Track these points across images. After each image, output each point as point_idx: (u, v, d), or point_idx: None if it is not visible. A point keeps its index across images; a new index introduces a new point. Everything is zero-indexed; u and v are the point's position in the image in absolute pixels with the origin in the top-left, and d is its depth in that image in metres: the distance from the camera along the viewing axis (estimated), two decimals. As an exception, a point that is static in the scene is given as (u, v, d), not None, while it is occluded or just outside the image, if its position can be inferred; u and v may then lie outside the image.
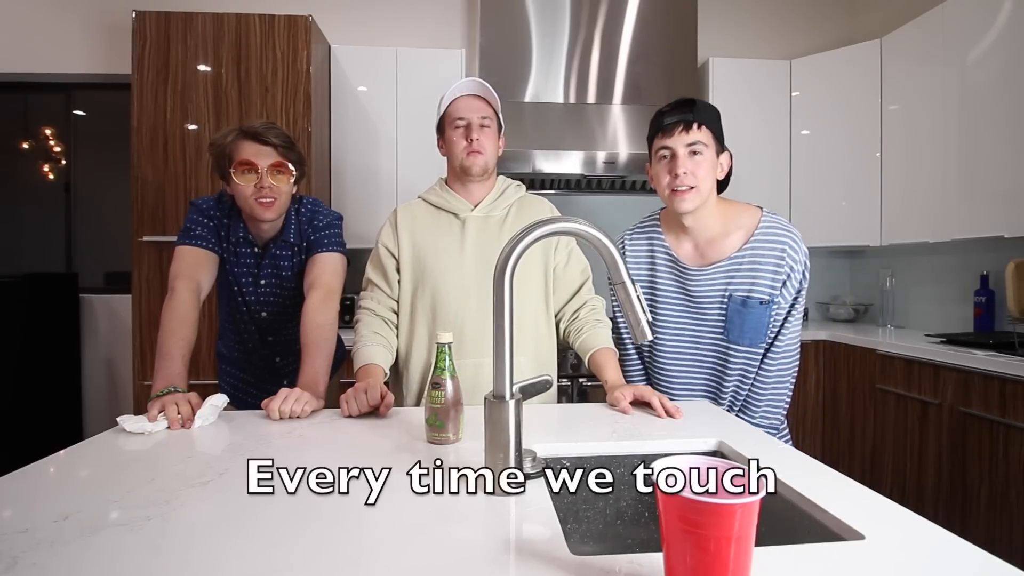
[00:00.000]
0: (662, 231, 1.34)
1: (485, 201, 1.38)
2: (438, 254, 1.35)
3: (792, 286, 1.23)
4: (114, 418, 1.04)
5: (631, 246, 1.37)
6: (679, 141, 1.20)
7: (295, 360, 1.40)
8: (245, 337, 1.56)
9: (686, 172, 1.19)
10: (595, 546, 0.92)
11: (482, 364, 1.29)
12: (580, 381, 2.48)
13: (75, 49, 2.94)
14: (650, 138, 1.27)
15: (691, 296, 1.28)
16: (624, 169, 2.70)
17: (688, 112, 1.20)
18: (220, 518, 0.67)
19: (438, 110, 1.39)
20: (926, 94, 2.53)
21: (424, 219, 1.40)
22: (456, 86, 1.35)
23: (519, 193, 1.43)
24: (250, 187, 1.35)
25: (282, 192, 1.39)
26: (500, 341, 0.77)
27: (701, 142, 1.20)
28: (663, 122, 1.22)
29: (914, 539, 0.63)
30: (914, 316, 2.92)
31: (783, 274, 1.23)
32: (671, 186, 1.21)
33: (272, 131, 1.37)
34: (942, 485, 2.10)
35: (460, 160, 1.35)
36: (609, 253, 0.80)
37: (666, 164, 1.22)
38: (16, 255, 3.12)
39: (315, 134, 2.55)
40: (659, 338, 1.32)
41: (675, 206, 1.23)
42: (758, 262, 1.23)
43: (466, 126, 1.34)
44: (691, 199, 1.21)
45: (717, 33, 3.25)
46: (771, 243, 1.24)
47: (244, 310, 1.51)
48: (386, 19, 3.10)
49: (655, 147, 1.24)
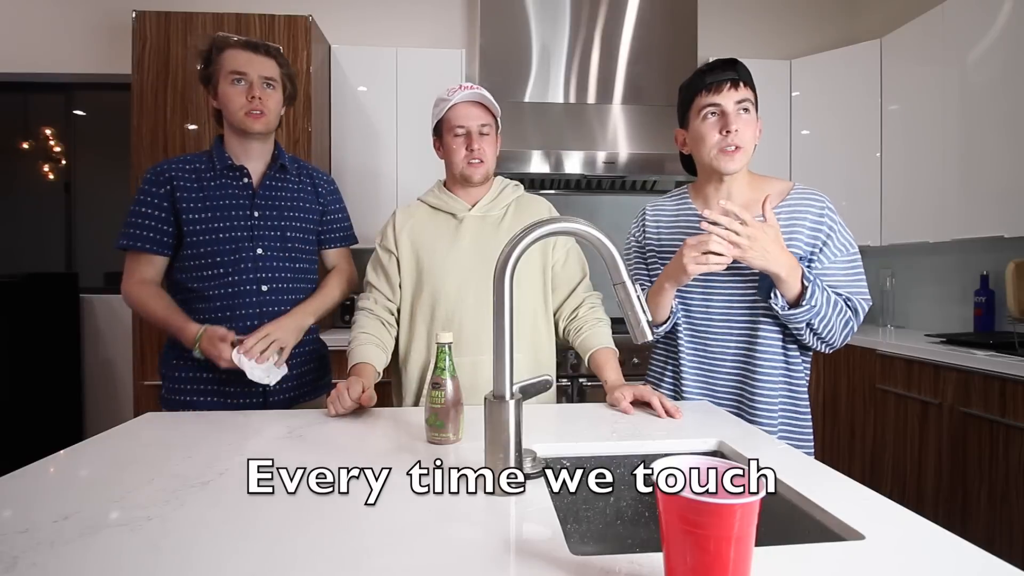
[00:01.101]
0: (691, 199, 1.31)
1: (483, 201, 1.39)
2: (435, 253, 1.36)
3: (834, 248, 1.18)
4: (114, 418, 1.04)
5: (653, 213, 1.34)
6: (729, 98, 1.16)
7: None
8: (234, 292, 1.36)
9: (737, 129, 1.15)
10: (595, 546, 0.92)
11: (480, 362, 1.29)
12: (580, 381, 2.48)
13: (75, 49, 2.94)
14: (688, 99, 1.22)
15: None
16: (624, 169, 2.70)
17: (734, 71, 1.18)
18: (220, 518, 0.67)
19: (434, 111, 1.37)
20: (926, 94, 2.53)
21: (423, 220, 1.40)
22: (455, 94, 1.31)
23: (517, 193, 1.44)
24: (241, 98, 1.32)
25: (272, 108, 1.36)
26: (500, 341, 0.77)
27: (749, 100, 1.18)
28: (707, 80, 1.18)
29: (914, 539, 0.63)
30: (914, 316, 2.92)
31: (823, 232, 1.18)
32: (720, 145, 1.17)
33: (265, 43, 1.37)
34: (942, 485, 2.10)
35: (460, 169, 1.35)
36: (609, 253, 0.80)
37: (714, 122, 1.18)
38: (16, 255, 3.12)
39: (315, 134, 2.55)
40: (689, 307, 1.26)
41: (722, 165, 1.18)
42: (796, 217, 1.19)
43: (466, 134, 1.33)
44: (739, 159, 1.17)
45: (717, 33, 3.25)
46: (811, 201, 1.20)
47: (231, 247, 1.36)
48: (386, 19, 3.10)
49: (699, 106, 1.19)
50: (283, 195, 1.43)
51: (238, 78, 1.33)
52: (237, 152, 1.40)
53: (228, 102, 1.35)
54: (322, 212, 1.51)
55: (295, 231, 1.43)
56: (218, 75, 1.35)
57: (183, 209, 1.35)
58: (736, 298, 1.22)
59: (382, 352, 1.31)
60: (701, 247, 1.08)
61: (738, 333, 1.23)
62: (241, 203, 1.38)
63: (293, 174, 1.47)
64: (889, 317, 2.96)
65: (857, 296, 1.17)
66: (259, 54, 1.35)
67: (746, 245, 1.07)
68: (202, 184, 1.38)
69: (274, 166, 1.43)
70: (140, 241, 1.36)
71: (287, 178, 1.45)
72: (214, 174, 1.39)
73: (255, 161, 1.42)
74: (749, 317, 1.22)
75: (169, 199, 1.36)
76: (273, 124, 1.40)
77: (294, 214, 1.44)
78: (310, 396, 1.48)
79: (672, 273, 1.16)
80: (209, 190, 1.37)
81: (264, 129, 1.37)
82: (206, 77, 1.38)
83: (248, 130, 1.35)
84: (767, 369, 1.20)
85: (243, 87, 1.34)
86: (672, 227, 1.31)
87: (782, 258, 1.09)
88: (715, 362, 1.26)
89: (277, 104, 1.39)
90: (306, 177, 1.50)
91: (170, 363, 1.41)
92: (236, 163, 1.39)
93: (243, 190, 1.39)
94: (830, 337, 1.16)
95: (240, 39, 1.36)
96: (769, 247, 1.07)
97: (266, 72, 1.36)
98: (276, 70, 1.38)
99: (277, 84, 1.39)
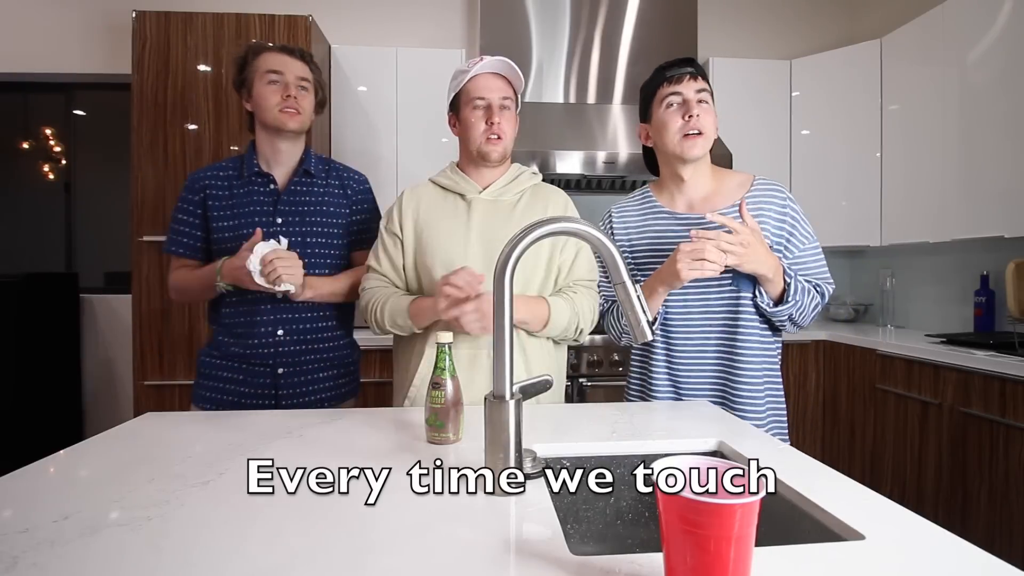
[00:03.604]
0: (654, 196, 1.34)
1: (495, 184, 1.32)
2: (440, 235, 1.29)
3: (800, 237, 1.25)
4: (114, 418, 1.04)
5: (619, 215, 1.36)
6: (689, 88, 1.22)
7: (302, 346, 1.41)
8: (252, 299, 1.38)
9: (698, 115, 1.21)
10: (595, 546, 0.92)
11: (478, 355, 1.25)
12: (580, 381, 2.48)
13: (75, 49, 2.93)
14: (651, 93, 1.28)
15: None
16: (624, 169, 2.70)
17: (692, 65, 1.25)
18: (220, 518, 0.67)
19: (452, 84, 1.31)
20: (926, 94, 2.53)
21: (430, 200, 1.34)
22: (481, 63, 1.25)
23: (535, 180, 1.38)
24: (276, 96, 1.36)
25: (306, 108, 1.40)
26: (500, 340, 0.77)
27: (707, 91, 1.24)
28: (668, 73, 1.24)
29: (914, 539, 0.63)
30: (914, 316, 2.92)
31: (787, 223, 1.24)
32: (683, 130, 1.22)
33: (300, 48, 1.42)
34: (942, 485, 2.10)
35: (478, 145, 1.28)
36: (609, 253, 0.80)
37: (676, 110, 1.23)
38: (16, 255, 3.12)
39: (315, 134, 2.55)
40: (667, 301, 1.27)
41: (684, 152, 1.22)
42: (761, 209, 1.24)
43: (486, 107, 1.26)
44: (701, 145, 1.22)
45: (717, 33, 3.24)
46: (773, 192, 1.27)
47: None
48: (386, 19, 3.10)
49: (661, 96, 1.25)
50: (307, 199, 1.44)
51: (274, 78, 1.37)
52: (268, 155, 1.43)
53: (263, 100, 1.37)
54: (350, 214, 1.50)
55: (317, 236, 1.43)
56: (253, 76, 1.38)
57: (213, 217, 1.41)
58: (713, 290, 1.25)
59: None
60: (696, 254, 1.10)
61: (719, 324, 1.25)
62: (265, 208, 1.41)
63: (321, 178, 1.47)
64: (889, 317, 2.96)
65: (823, 281, 1.27)
66: (294, 57, 1.40)
67: (740, 252, 1.11)
68: (232, 191, 1.42)
69: (299, 171, 1.45)
70: (176, 246, 1.44)
71: (313, 182, 1.46)
72: (242, 180, 1.42)
73: (284, 165, 1.44)
74: (728, 307, 1.24)
75: (202, 206, 1.42)
76: (307, 124, 1.42)
77: (317, 219, 1.44)
78: (330, 403, 1.47)
79: (665, 278, 1.17)
80: (237, 196, 1.41)
81: (298, 127, 1.39)
82: (240, 81, 1.41)
83: (283, 127, 1.37)
84: (750, 356, 1.23)
85: (279, 87, 1.37)
86: (640, 227, 1.33)
87: (770, 260, 1.15)
88: (698, 354, 1.27)
89: (310, 105, 1.42)
90: (335, 179, 1.50)
91: (202, 360, 1.47)
92: (264, 169, 1.43)
93: (268, 196, 1.42)
94: (803, 321, 1.24)
95: (275, 44, 1.42)
96: (759, 251, 1.13)
97: (300, 73, 1.39)
98: (309, 73, 1.42)
99: (310, 87, 1.42)
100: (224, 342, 1.43)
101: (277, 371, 1.41)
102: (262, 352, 1.40)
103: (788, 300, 1.18)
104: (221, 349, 1.44)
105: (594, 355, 2.48)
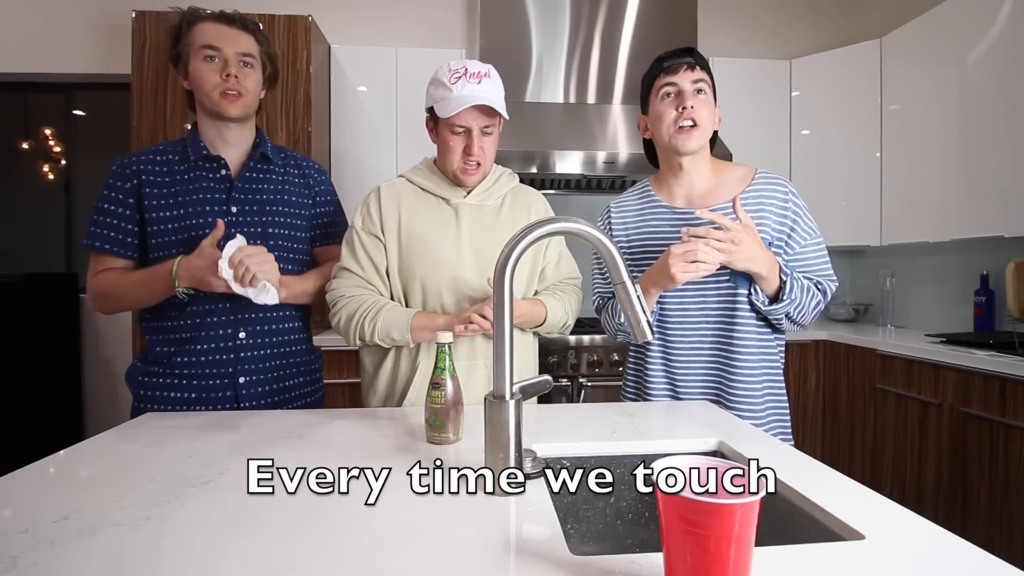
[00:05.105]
0: (653, 190, 1.33)
1: (479, 189, 1.30)
2: (431, 242, 1.25)
3: (802, 233, 1.22)
4: (114, 418, 1.04)
5: (617, 211, 1.35)
6: (685, 78, 1.20)
7: (264, 337, 1.25)
8: (207, 296, 1.22)
9: (693, 106, 1.19)
10: (595, 546, 0.92)
11: (474, 366, 1.26)
12: (580, 381, 2.48)
13: (75, 49, 2.93)
14: (648, 84, 1.26)
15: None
16: (624, 169, 2.70)
17: (690, 55, 1.22)
18: (220, 518, 0.67)
19: (432, 93, 1.22)
20: (926, 94, 2.53)
21: (413, 203, 1.27)
22: (459, 84, 1.17)
23: (512, 182, 1.38)
24: (215, 76, 1.19)
25: (250, 88, 1.23)
26: (500, 341, 0.77)
27: (705, 81, 1.21)
28: (665, 63, 1.22)
29: (914, 539, 0.63)
30: (914, 316, 2.92)
31: (789, 218, 1.21)
32: (677, 122, 1.19)
33: (241, 16, 1.24)
34: (942, 485, 2.10)
35: (454, 169, 1.25)
36: (609, 253, 0.80)
37: (671, 101, 1.21)
38: (16, 255, 3.11)
39: (315, 134, 2.55)
40: (663, 300, 1.26)
41: (679, 144, 1.20)
42: (762, 203, 1.22)
43: (466, 133, 1.21)
44: (696, 137, 1.20)
45: (717, 33, 3.24)
46: (775, 186, 1.23)
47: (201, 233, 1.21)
48: (386, 19, 3.10)
49: (657, 87, 1.22)
50: (266, 187, 1.29)
51: (211, 54, 1.20)
52: (212, 139, 1.27)
53: (200, 81, 1.21)
54: (313, 206, 1.37)
55: (279, 227, 1.28)
56: (188, 51, 1.22)
57: (149, 207, 1.21)
58: (710, 288, 1.24)
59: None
60: (688, 256, 1.09)
61: (716, 322, 1.24)
62: (217, 197, 1.24)
63: (278, 164, 1.33)
64: (889, 317, 2.96)
65: (825, 279, 1.23)
66: (234, 28, 1.22)
67: (732, 250, 1.09)
68: (173, 177, 1.24)
69: (255, 155, 1.29)
70: (101, 241, 1.22)
71: (271, 168, 1.31)
72: (187, 166, 1.25)
73: (233, 150, 1.28)
74: (724, 305, 1.23)
75: (135, 195, 1.22)
76: (252, 107, 1.27)
77: (278, 208, 1.29)
78: (289, 405, 1.32)
79: (658, 280, 1.16)
80: (181, 184, 1.23)
81: (241, 113, 1.24)
82: (176, 56, 1.25)
83: (223, 114, 1.22)
84: (746, 354, 1.22)
85: (217, 65, 1.21)
86: (639, 223, 1.32)
87: (764, 258, 1.13)
88: (694, 352, 1.26)
89: (256, 85, 1.26)
90: (294, 168, 1.36)
91: (136, 380, 1.26)
92: (212, 153, 1.26)
93: (219, 183, 1.25)
94: (802, 320, 1.21)
95: (213, 12, 1.22)
96: (751, 248, 1.11)
97: (242, 48, 1.23)
98: (254, 47, 1.25)
99: (255, 62, 1.25)
100: (165, 353, 1.23)
101: (238, 380, 1.23)
102: (219, 359, 1.22)
103: (784, 298, 1.16)
104: (163, 362, 1.23)
105: (594, 355, 2.48)
